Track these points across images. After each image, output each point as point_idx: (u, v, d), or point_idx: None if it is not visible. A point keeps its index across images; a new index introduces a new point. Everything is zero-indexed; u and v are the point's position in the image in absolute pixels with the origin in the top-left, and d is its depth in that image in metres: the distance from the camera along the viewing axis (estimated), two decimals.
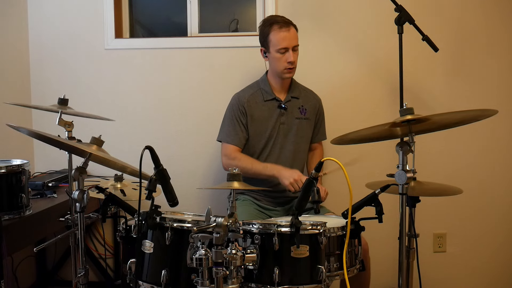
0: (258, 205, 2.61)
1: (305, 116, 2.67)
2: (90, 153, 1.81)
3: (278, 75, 2.59)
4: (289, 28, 2.51)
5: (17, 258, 2.94)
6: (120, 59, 3.14)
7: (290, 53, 2.50)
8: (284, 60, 2.51)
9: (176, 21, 3.39)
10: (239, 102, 2.63)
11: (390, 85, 2.96)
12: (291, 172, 2.41)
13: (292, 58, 2.50)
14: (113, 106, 3.13)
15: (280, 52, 2.50)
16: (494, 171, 3.07)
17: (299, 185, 2.32)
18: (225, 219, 1.56)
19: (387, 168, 1.97)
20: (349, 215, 1.75)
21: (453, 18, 3.00)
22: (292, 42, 2.51)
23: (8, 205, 2.09)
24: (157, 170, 1.71)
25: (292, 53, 2.51)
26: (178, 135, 3.13)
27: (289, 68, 2.53)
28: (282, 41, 2.50)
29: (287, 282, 1.69)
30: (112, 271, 3.27)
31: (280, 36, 2.50)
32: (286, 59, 2.51)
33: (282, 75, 2.57)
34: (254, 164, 2.53)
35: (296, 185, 2.34)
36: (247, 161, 2.54)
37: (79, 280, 1.86)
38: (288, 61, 2.50)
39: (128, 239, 1.84)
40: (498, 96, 3.02)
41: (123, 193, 2.23)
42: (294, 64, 2.54)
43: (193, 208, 2.33)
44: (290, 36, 2.51)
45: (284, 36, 2.50)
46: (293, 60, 2.52)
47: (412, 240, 2.10)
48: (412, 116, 1.76)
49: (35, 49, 3.17)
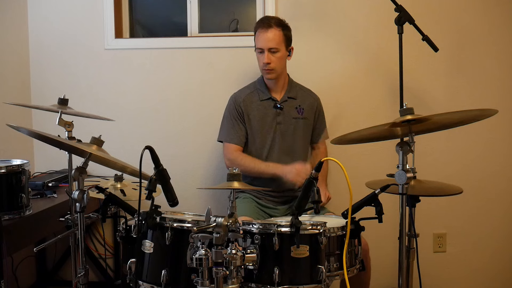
0: (258, 203, 2.62)
1: (303, 115, 2.67)
2: (90, 153, 1.81)
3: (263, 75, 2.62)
4: (267, 30, 2.51)
5: (17, 258, 2.94)
6: (120, 59, 3.14)
7: (264, 54, 2.51)
8: (261, 61, 2.54)
9: (176, 21, 3.39)
10: (235, 102, 2.65)
11: (390, 85, 2.96)
12: (291, 166, 2.43)
13: (266, 59, 2.51)
14: (113, 106, 3.13)
15: (258, 52, 2.55)
16: (494, 171, 3.07)
17: (302, 177, 2.34)
18: (225, 219, 1.56)
19: (387, 168, 1.97)
20: (349, 215, 1.76)
21: (453, 18, 3.00)
22: (268, 44, 2.51)
23: (8, 205, 2.09)
24: (157, 170, 1.71)
25: (267, 55, 2.51)
26: (178, 135, 3.13)
27: (267, 70, 2.55)
28: (258, 41, 2.55)
29: (287, 282, 1.69)
30: (112, 271, 3.27)
31: (259, 36, 2.55)
32: (262, 59, 2.54)
33: (263, 74, 2.61)
34: (256, 164, 2.55)
35: (299, 177, 2.36)
36: (249, 161, 2.56)
37: (79, 280, 1.86)
38: (263, 61, 2.52)
39: (128, 239, 1.84)
40: (498, 96, 3.02)
41: (123, 193, 2.23)
42: (271, 66, 2.53)
43: (193, 208, 2.33)
44: (267, 37, 2.51)
45: (261, 36, 2.53)
46: (267, 62, 2.52)
47: (412, 240, 2.10)
48: (412, 116, 1.76)
49: (35, 49, 3.17)
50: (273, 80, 2.61)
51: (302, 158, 2.70)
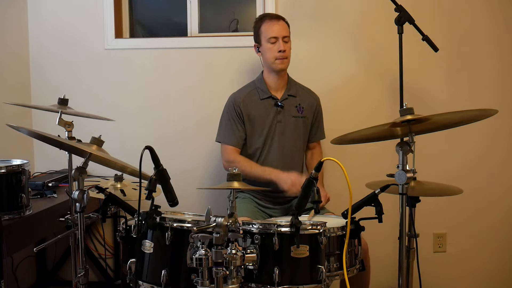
0: (257, 203, 2.62)
1: (302, 114, 2.67)
2: (90, 153, 1.81)
3: (271, 68, 2.60)
4: (278, 20, 2.59)
5: (17, 258, 2.94)
6: (120, 59, 3.14)
7: (280, 42, 2.54)
8: (275, 50, 2.54)
9: (176, 21, 3.39)
10: (234, 103, 2.64)
11: (390, 85, 2.96)
12: (288, 175, 2.42)
13: (282, 47, 2.54)
14: (113, 106, 3.13)
15: (271, 42, 2.55)
16: (494, 171, 3.07)
17: (297, 188, 2.33)
18: (225, 219, 1.56)
19: (387, 168, 1.97)
20: (349, 215, 1.75)
21: (453, 18, 3.00)
22: (282, 32, 2.56)
23: (8, 205, 2.09)
24: (157, 170, 1.71)
25: (283, 43, 2.55)
26: (178, 135, 3.13)
27: (281, 58, 2.55)
28: (271, 31, 2.56)
29: (287, 282, 1.69)
30: (112, 271, 3.27)
31: (270, 26, 2.57)
32: (277, 48, 2.54)
33: (274, 66, 2.58)
34: (253, 168, 2.54)
35: (294, 188, 2.36)
36: (246, 165, 2.54)
37: (79, 280, 1.86)
38: (279, 50, 2.53)
39: (128, 239, 1.83)
40: (498, 96, 3.02)
41: (123, 193, 2.23)
42: (286, 54, 2.56)
43: (193, 208, 2.33)
44: (280, 27, 2.57)
45: (274, 26, 2.57)
46: (284, 49, 2.54)
47: (412, 240, 2.10)
48: (412, 116, 1.76)
49: (35, 49, 3.17)
50: (281, 72, 2.62)
51: (300, 157, 2.71)
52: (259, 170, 2.53)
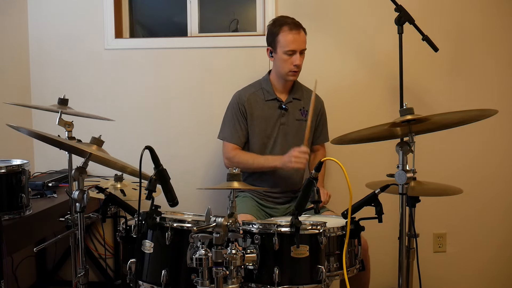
0: (258, 202, 2.62)
1: (306, 117, 2.67)
2: (90, 153, 1.81)
3: (282, 77, 2.59)
4: (299, 31, 2.51)
5: (17, 258, 2.94)
6: (120, 59, 3.14)
7: (297, 56, 2.50)
8: (291, 63, 2.51)
9: (176, 21, 3.39)
10: (239, 101, 2.64)
11: (390, 85, 2.96)
12: (288, 154, 2.44)
13: (298, 61, 2.50)
14: (113, 106, 3.13)
15: (288, 54, 2.50)
16: (494, 171, 3.07)
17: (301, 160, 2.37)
18: (225, 219, 1.56)
19: (387, 168, 1.97)
20: (349, 215, 1.76)
21: (453, 18, 3.00)
22: (300, 45, 2.51)
23: (8, 205, 2.09)
24: (157, 170, 1.71)
25: (299, 57, 2.51)
26: (178, 135, 3.13)
27: (294, 71, 2.54)
28: (291, 43, 2.48)
29: (287, 282, 1.69)
30: (112, 271, 3.27)
31: (289, 38, 2.49)
32: (292, 61, 2.50)
33: (286, 77, 2.57)
34: (255, 159, 2.56)
35: (299, 160, 2.38)
36: (247, 157, 2.57)
37: (79, 280, 1.86)
38: (295, 63, 2.50)
39: (128, 239, 1.84)
40: (498, 96, 3.02)
41: (123, 193, 2.24)
42: (300, 68, 2.54)
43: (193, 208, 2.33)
44: (299, 39, 2.50)
45: (294, 38, 2.49)
46: (299, 64, 2.52)
47: (412, 240, 2.10)
48: (412, 116, 1.76)
49: (35, 49, 3.17)
50: (290, 81, 2.62)
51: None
52: (261, 159, 2.55)
